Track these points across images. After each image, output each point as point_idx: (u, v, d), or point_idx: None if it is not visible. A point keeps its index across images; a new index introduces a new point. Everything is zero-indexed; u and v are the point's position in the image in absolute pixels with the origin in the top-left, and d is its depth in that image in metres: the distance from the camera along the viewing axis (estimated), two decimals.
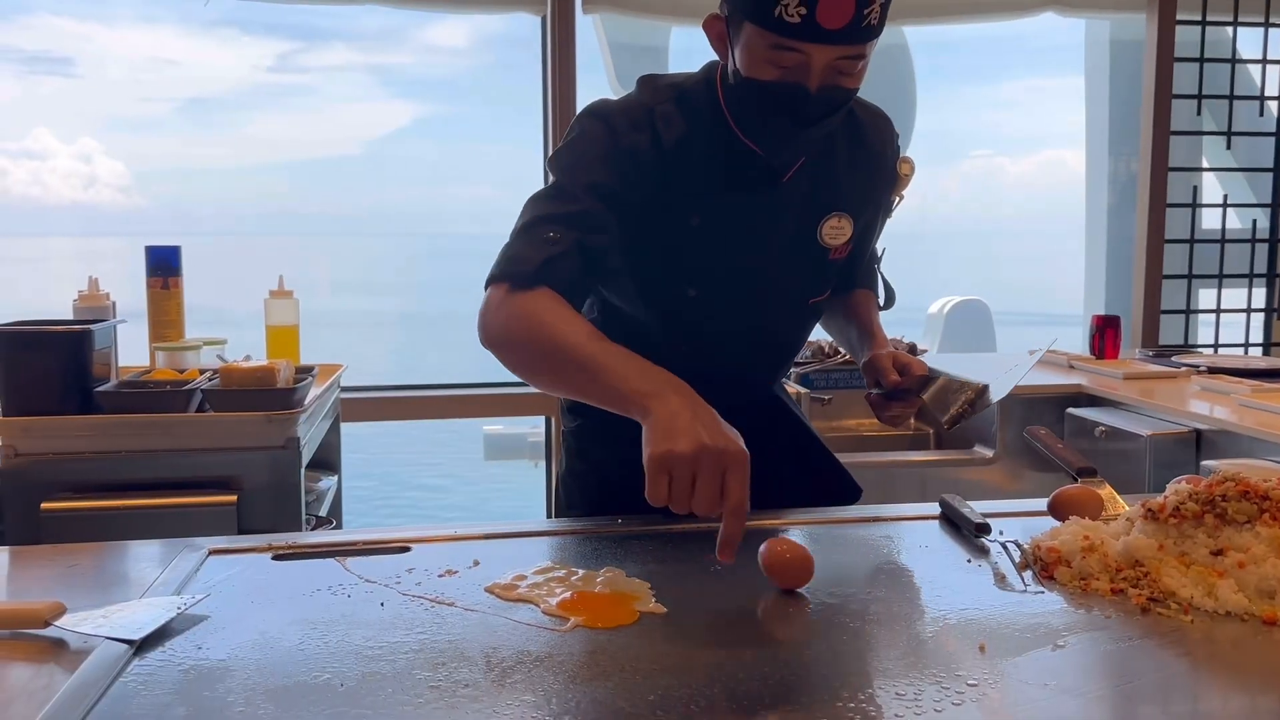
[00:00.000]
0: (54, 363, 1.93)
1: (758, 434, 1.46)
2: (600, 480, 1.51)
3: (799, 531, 1.29)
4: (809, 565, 1.06)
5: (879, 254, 1.62)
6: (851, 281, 1.60)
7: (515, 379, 1.35)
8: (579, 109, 3.12)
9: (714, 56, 1.37)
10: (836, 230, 1.42)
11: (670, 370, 1.14)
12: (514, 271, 1.24)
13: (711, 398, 1.13)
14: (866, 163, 1.45)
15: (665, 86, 1.37)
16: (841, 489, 1.57)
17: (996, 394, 1.38)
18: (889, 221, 1.59)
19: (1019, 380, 1.39)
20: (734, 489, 1.01)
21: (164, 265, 2.44)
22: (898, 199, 1.54)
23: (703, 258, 1.37)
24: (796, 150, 1.34)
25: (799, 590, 1.05)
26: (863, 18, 1.18)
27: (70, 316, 2.26)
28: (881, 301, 1.63)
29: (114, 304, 2.34)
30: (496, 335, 1.24)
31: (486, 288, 1.27)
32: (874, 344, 1.53)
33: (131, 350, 2.29)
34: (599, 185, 1.29)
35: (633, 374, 1.11)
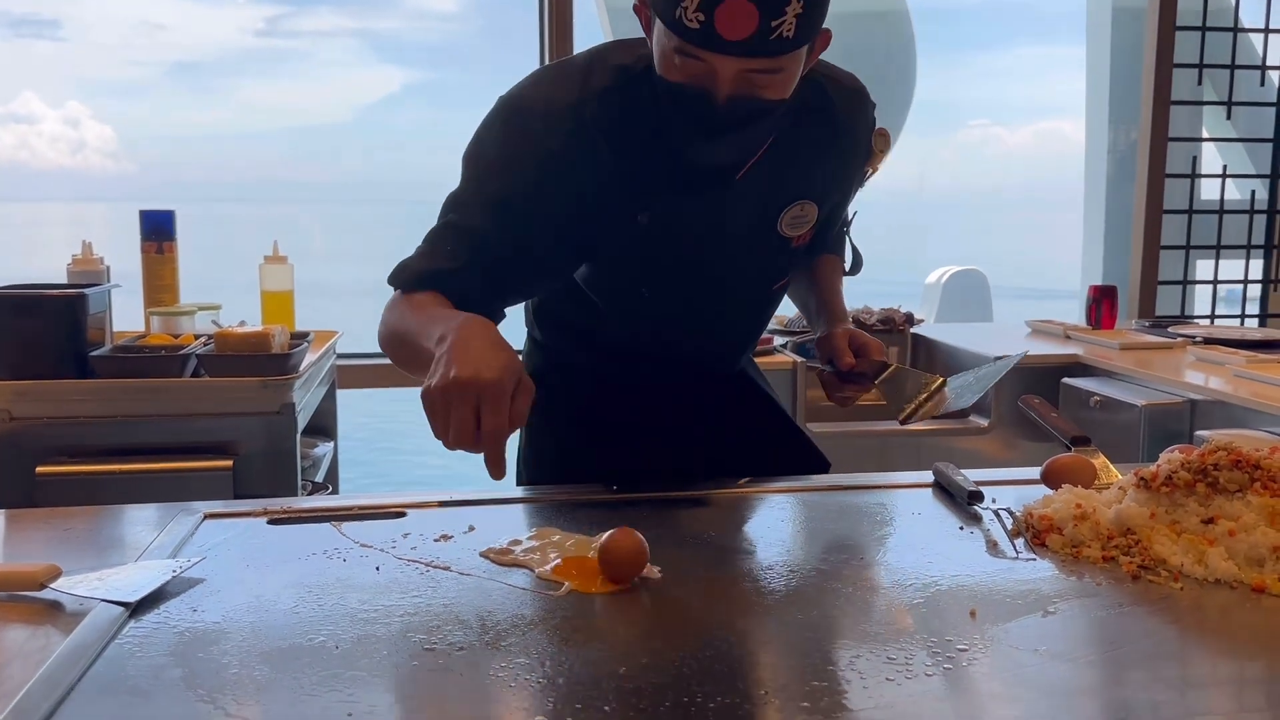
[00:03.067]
0: (49, 327, 1.92)
1: (722, 409, 1.47)
2: (559, 448, 1.47)
3: (796, 499, 1.30)
4: (641, 558, 0.99)
5: (849, 218, 1.53)
6: (817, 247, 1.48)
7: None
8: None
9: None
10: (799, 219, 1.33)
11: (632, 351, 1.10)
12: (403, 280, 1.21)
13: (674, 377, 1.12)
14: (836, 145, 1.35)
15: (610, 71, 1.24)
16: (809, 462, 1.51)
17: (959, 401, 1.31)
18: (873, 190, 1.53)
19: (985, 389, 1.32)
20: (486, 418, 0.99)
21: (159, 230, 2.43)
22: (871, 171, 1.45)
23: (653, 258, 1.29)
24: (722, 155, 1.22)
25: (792, 557, 1.06)
26: (771, 30, 1.05)
27: (64, 281, 2.25)
28: (847, 267, 1.53)
29: (108, 268, 2.33)
30: (380, 340, 1.22)
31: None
32: (831, 318, 1.45)
33: (125, 315, 2.28)
34: (504, 203, 1.20)
35: (434, 332, 1.07)
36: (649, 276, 1.31)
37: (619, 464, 1.30)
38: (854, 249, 1.53)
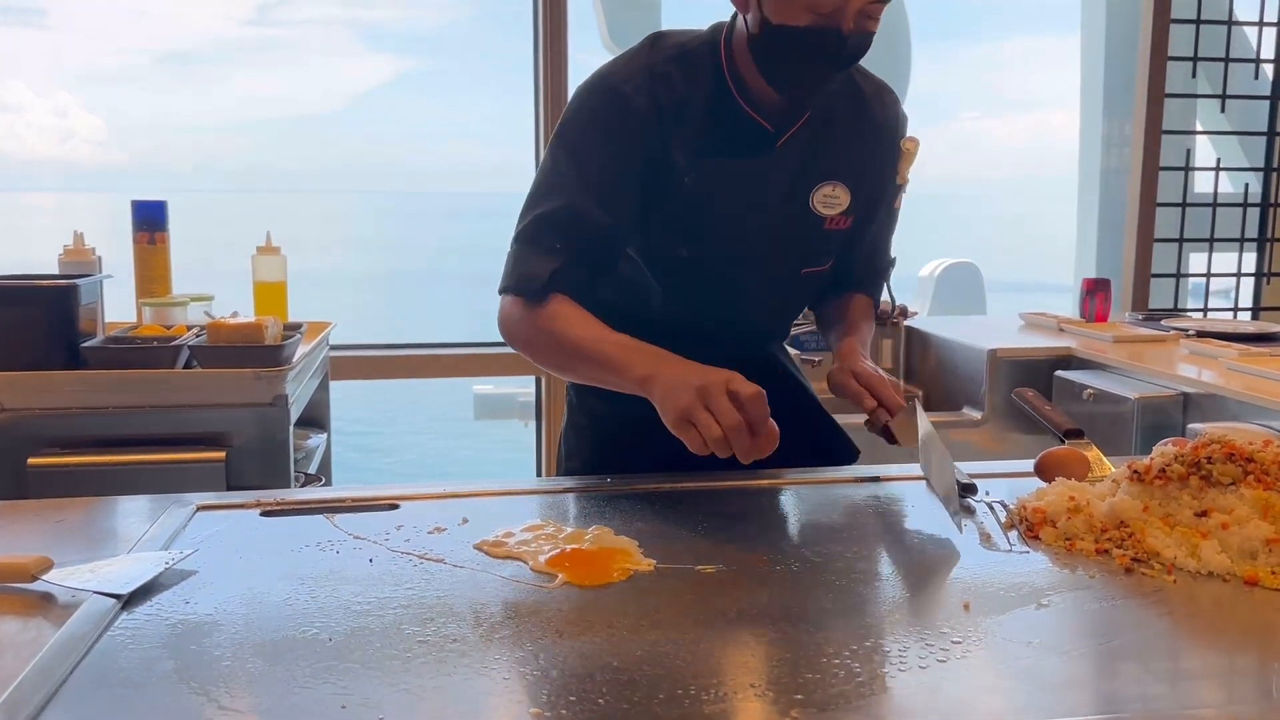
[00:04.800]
0: (40, 318, 1.91)
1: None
2: (601, 434, 1.53)
3: (789, 491, 1.30)
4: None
5: (892, 260, 1.61)
6: (852, 278, 1.56)
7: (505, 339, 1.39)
8: (571, 65, 3.10)
9: (711, 15, 1.37)
10: (830, 199, 1.42)
11: (668, 328, 1.22)
12: (526, 288, 1.33)
13: (708, 355, 1.18)
14: (868, 134, 1.45)
15: (670, 45, 1.37)
16: (839, 449, 1.56)
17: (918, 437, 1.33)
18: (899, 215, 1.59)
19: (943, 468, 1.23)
20: (743, 390, 1.10)
21: (151, 220, 2.42)
22: (903, 182, 1.53)
23: (695, 218, 1.37)
24: (812, 100, 1.37)
25: (785, 549, 1.06)
26: None
27: (55, 271, 2.24)
28: (877, 310, 1.62)
29: (100, 259, 2.32)
30: (524, 346, 1.36)
31: (501, 294, 1.36)
32: (842, 353, 1.47)
33: (116, 306, 2.27)
34: (601, 180, 1.32)
35: (635, 362, 1.22)
36: (688, 238, 1.39)
37: (657, 450, 1.32)
38: (891, 296, 1.64)
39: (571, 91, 1.42)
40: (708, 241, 1.39)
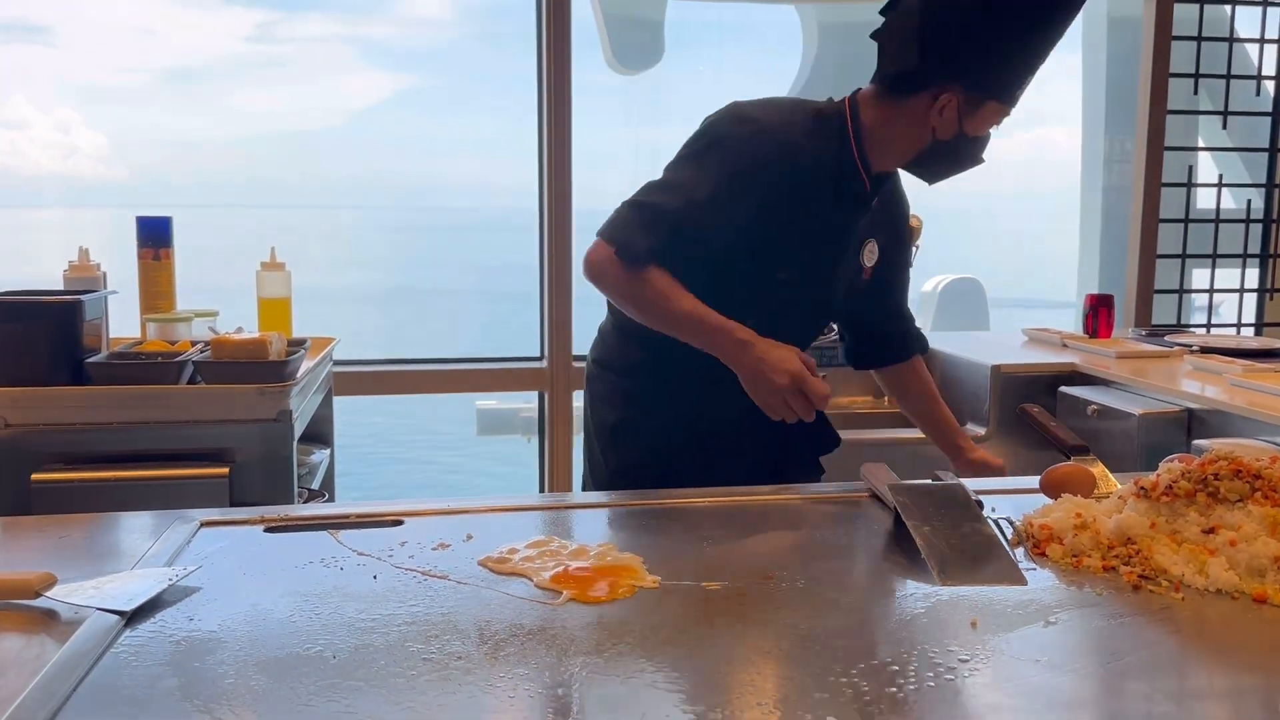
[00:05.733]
0: (45, 333, 1.91)
1: None
2: (660, 430, 1.73)
3: (794, 508, 1.30)
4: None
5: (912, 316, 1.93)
6: (907, 343, 1.89)
7: (508, 355, 1.46)
8: (574, 82, 3.16)
9: (712, 37, 1.44)
10: (870, 253, 1.74)
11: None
12: (628, 252, 1.56)
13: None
14: (889, 200, 1.76)
15: (810, 108, 1.65)
16: (828, 436, 1.80)
17: None
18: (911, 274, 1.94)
19: None
20: (819, 391, 1.50)
21: (156, 236, 2.42)
22: (915, 249, 1.90)
23: (796, 251, 1.64)
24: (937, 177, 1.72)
25: (790, 566, 1.05)
26: None
27: (59, 287, 2.24)
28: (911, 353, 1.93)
29: (105, 274, 2.32)
30: (616, 294, 1.63)
31: (600, 238, 1.58)
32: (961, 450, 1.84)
33: (121, 322, 2.27)
34: (709, 201, 1.56)
35: (734, 328, 1.54)
36: (786, 263, 1.65)
37: (702, 445, 1.69)
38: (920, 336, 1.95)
39: (576, 109, 1.51)
40: (796, 269, 1.65)
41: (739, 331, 1.53)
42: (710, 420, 1.69)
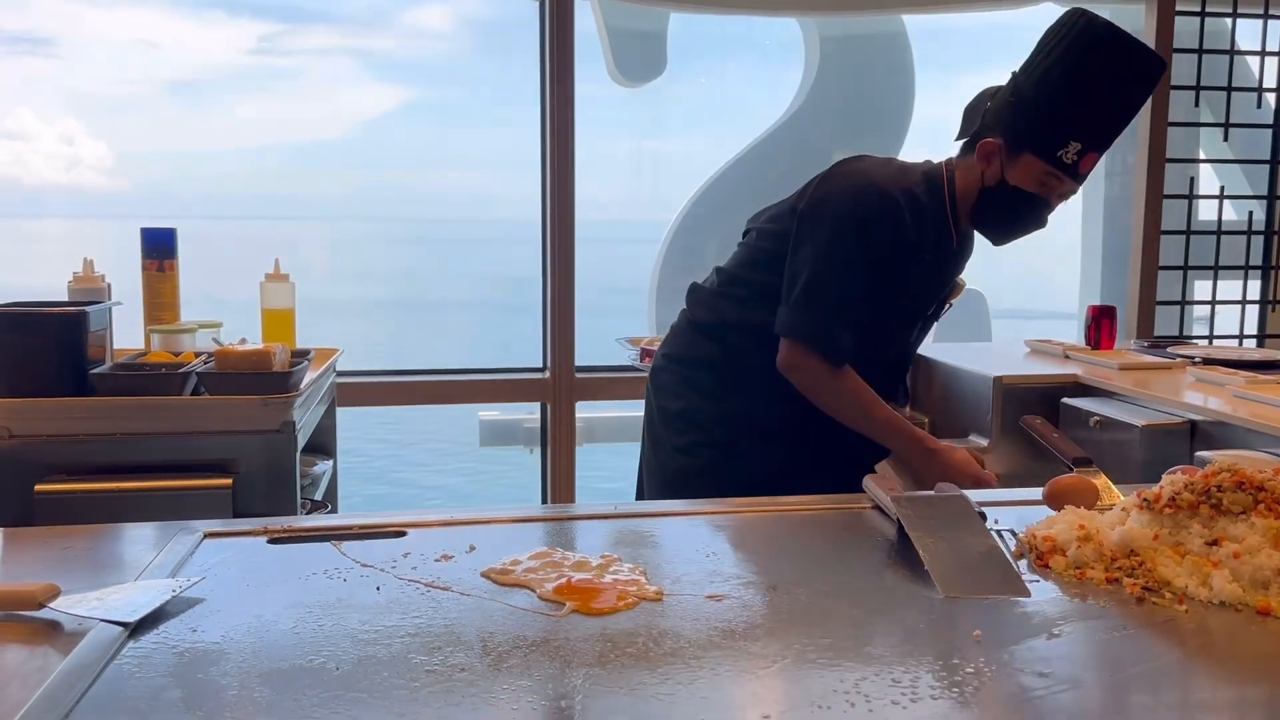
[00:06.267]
0: (49, 344, 1.92)
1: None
2: (720, 420, 1.93)
3: (797, 519, 1.30)
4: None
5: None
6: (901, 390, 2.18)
7: (511, 366, 1.46)
8: (577, 94, 3.21)
9: (715, 50, 1.48)
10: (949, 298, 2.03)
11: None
12: (833, 355, 1.82)
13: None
14: (963, 249, 2.01)
15: (918, 174, 1.90)
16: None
17: None
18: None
19: None
20: (986, 481, 1.89)
21: (160, 247, 2.43)
22: (949, 306, 2.12)
23: (909, 300, 1.94)
24: (1000, 241, 1.97)
25: (793, 578, 1.05)
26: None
27: (63, 298, 2.25)
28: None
29: (109, 285, 2.33)
30: (822, 398, 1.86)
31: (792, 338, 1.82)
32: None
33: (125, 333, 2.28)
34: (870, 287, 1.82)
35: (922, 438, 1.91)
36: (902, 314, 1.98)
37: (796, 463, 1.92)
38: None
39: (579, 121, 1.52)
40: (906, 317, 1.96)
41: (928, 441, 1.88)
42: (771, 417, 1.91)
